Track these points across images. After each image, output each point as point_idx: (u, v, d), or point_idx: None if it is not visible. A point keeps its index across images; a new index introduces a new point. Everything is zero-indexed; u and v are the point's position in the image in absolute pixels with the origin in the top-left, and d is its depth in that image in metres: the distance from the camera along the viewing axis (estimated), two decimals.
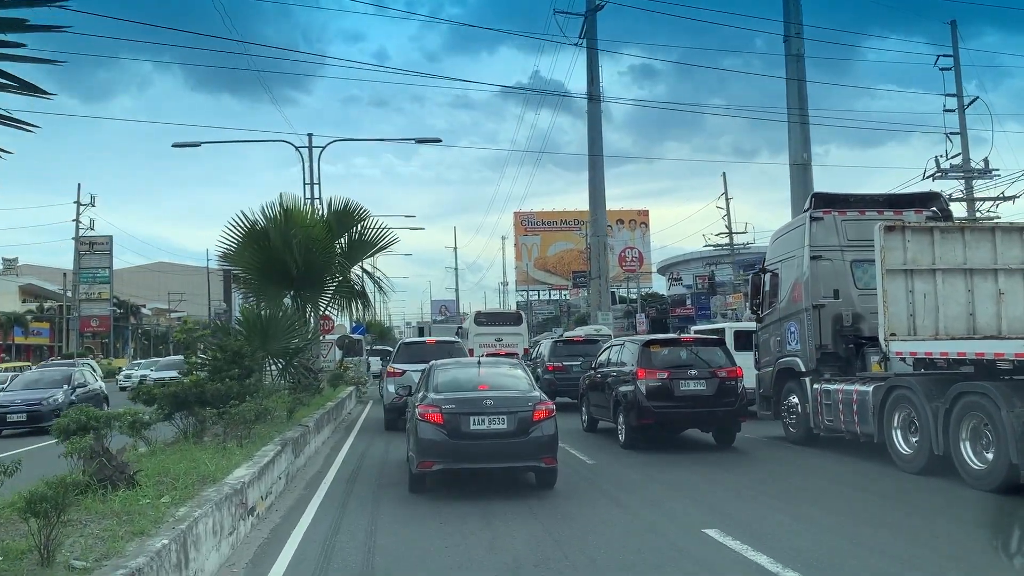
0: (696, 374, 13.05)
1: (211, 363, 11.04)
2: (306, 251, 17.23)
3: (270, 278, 17.13)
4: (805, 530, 7.50)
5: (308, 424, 12.65)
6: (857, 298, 12.66)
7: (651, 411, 12.86)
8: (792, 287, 13.59)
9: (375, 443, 14.79)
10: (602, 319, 43.16)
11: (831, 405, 11.98)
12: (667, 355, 13.56)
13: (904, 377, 10.74)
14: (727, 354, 13.81)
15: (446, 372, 10.22)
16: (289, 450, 10.46)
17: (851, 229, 12.89)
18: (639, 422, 12.97)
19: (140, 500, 6.26)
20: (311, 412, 14.57)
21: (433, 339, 21.49)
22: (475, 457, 9.04)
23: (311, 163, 21.93)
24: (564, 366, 21.27)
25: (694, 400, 12.94)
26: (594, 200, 44.45)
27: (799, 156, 51.16)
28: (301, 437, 11.69)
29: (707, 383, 13.00)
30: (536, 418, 9.02)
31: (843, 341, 12.64)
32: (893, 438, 10.55)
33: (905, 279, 10.86)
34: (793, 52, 49.49)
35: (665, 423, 13.27)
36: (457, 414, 8.94)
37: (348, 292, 18.38)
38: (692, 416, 13.17)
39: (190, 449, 9.21)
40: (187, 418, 10.62)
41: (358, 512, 8.62)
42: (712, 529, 7.42)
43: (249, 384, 11.05)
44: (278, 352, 13.55)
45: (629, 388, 13.16)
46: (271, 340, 13.27)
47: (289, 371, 13.95)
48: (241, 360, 11.00)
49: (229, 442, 9.70)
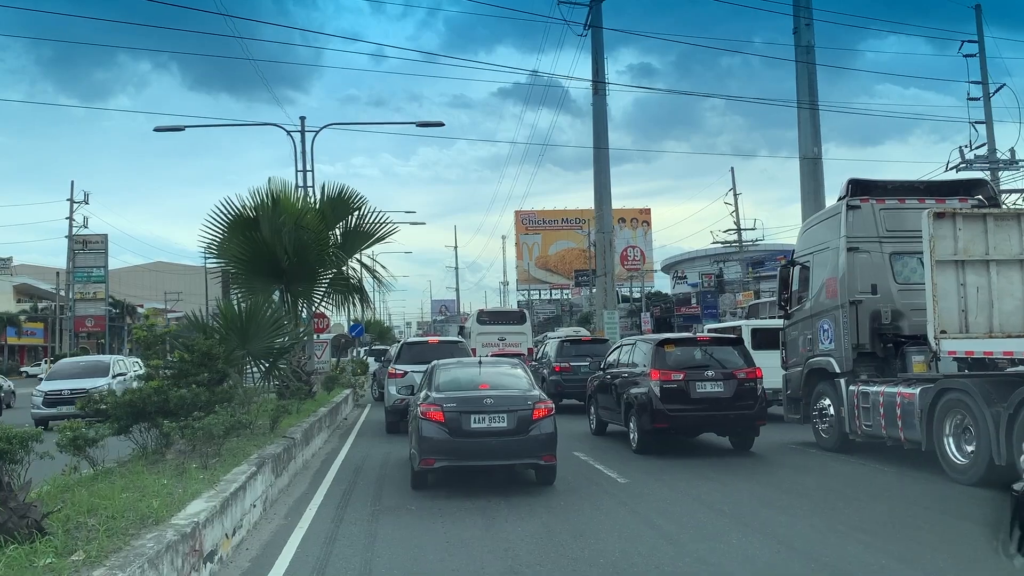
0: (713, 375, 11.91)
1: (176, 366, 9.23)
2: (297, 241, 15.47)
3: (258, 271, 15.36)
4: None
5: (295, 436, 10.87)
6: (896, 293, 11.64)
7: (666, 414, 11.71)
8: (825, 281, 12.46)
9: (372, 453, 13.03)
10: (608, 318, 41.52)
11: (870, 409, 10.96)
12: (682, 355, 12.36)
13: (957, 379, 9.74)
14: (745, 354, 12.62)
15: (447, 371, 10.20)
16: (268, 469, 8.68)
17: (890, 218, 11.85)
18: (653, 426, 11.87)
19: (38, 559, 4.47)
20: (300, 420, 12.79)
21: (436, 338, 20.24)
22: (476, 455, 9.09)
23: (303, 149, 20.14)
24: (571, 366, 20.12)
25: (711, 403, 11.85)
26: (599, 196, 42.69)
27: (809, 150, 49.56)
28: (285, 452, 9.91)
29: (725, 385, 11.89)
30: (535, 416, 9.08)
31: (881, 340, 11.61)
32: (944, 446, 9.56)
33: (956, 271, 10.04)
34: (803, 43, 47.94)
35: (680, 427, 12.20)
36: (458, 412, 8.98)
37: (344, 286, 16.58)
38: (709, 420, 12.10)
39: (140, 473, 7.42)
40: (148, 431, 8.84)
41: (348, 551, 6.84)
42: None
43: (221, 391, 9.25)
44: (261, 352, 11.75)
45: (642, 390, 12.03)
46: (253, 339, 11.49)
47: (274, 374, 12.11)
48: (212, 362, 9.21)
49: (193, 462, 7.92)
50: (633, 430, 12.26)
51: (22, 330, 62.27)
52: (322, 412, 14.68)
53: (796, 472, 10.74)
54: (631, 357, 13.04)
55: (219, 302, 11.82)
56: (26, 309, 66.18)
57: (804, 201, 51.28)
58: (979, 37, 31.83)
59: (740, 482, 9.99)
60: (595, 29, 41.21)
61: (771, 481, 10.03)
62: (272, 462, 8.95)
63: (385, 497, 9.27)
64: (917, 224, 10.50)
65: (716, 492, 9.29)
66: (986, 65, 31.59)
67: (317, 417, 13.67)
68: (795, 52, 48.31)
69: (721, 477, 10.32)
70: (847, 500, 8.71)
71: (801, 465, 11.28)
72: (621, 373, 13.16)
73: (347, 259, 16.75)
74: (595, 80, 40.71)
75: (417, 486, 9.35)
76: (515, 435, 9.03)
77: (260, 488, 8.15)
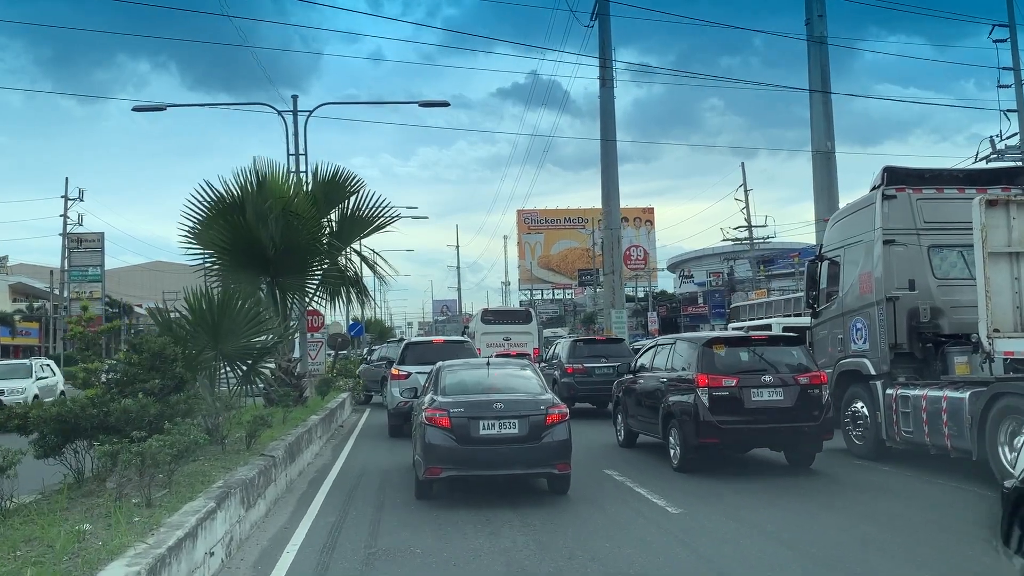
0: (771, 380, 10.02)
1: (122, 370, 7.31)
2: (286, 228, 13.55)
3: (242, 261, 13.45)
4: None
5: (275, 453, 8.94)
6: (936, 289, 10.81)
7: (716, 427, 9.80)
8: (859, 277, 11.57)
9: (370, 466, 11.11)
10: (616, 317, 39.68)
11: (911, 414, 10.03)
12: (734, 357, 10.49)
13: (1014, 382, 8.78)
14: (808, 355, 10.78)
15: (454, 373, 9.56)
16: (236, 500, 6.76)
17: (928, 209, 11.05)
18: (700, 441, 9.97)
19: None
20: (286, 431, 10.87)
21: (440, 338, 18.48)
22: (485, 463, 8.42)
23: (296, 130, 18.18)
24: (585, 368, 18.26)
25: (769, 413, 9.98)
26: (607, 191, 40.86)
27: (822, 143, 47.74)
28: (261, 475, 7.97)
29: (785, 391, 9.99)
30: (549, 422, 8.46)
31: (920, 339, 10.71)
32: (1000, 456, 8.60)
33: (1010, 264, 9.40)
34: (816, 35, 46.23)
35: (733, 442, 10.28)
36: (466, 418, 8.38)
37: (338, 278, 14.64)
38: (766, 433, 10.15)
39: (58, 514, 5.51)
40: (86, 452, 6.93)
41: None
42: None
43: (179, 401, 7.31)
44: (236, 353, 9.80)
45: (686, 398, 10.14)
46: (226, 337, 9.56)
47: (252, 379, 10.14)
48: (166, 365, 7.27)
49: (135, 495, 6.01)
50: (674, 444, 10.32)
51: (16, 330, 60.29)
52: (313, 421, 12.75)
53: (875, 494, 8.86)
54: (669, 359, 11.10)
55: (186, 293, 9.88)
56: (21, 309, 64.24)
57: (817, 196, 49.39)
58: (1010, 21, 29.95)
59: (816, 510, 8.16)
60: (602, 19, 39.54)
61: (852, 508, 8.15)
62: (242, 490, 7.03)
63: (383, 532, 7.34)
64: (957, 215, 10.13)
65: (792, 525, 7.44)
66: (1018, 51, 29.71)
67: (307, 427, 11.74)
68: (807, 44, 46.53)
69: (789, 503, 8.43)
70: (958, 535, 6.85)
71: (874, 484, 9.44)
72: (657, 378, 11.22)
73: (343, 249, 14.81)
74: (602, 66, 38.93)
75: (421, 496, 8.69)
76: (527, 442, 8.34)
77: (222, 529, 6.22)
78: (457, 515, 7.90)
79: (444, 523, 7.60)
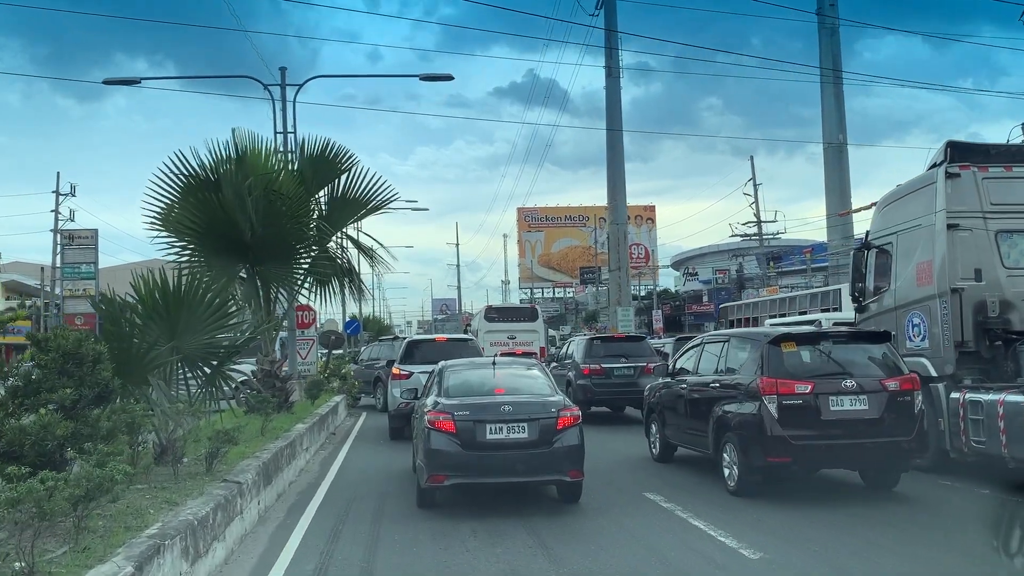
0: (853, 386, 8.04)
1: (24, 375, 5.41)
2: (268, 209, 11.66)
3: (216, 246, 11.56)
4: None
5: (241, 479, 7.04)
6: (1005, 280, 9.55)
7: (787, 443, 7.86)
8: (916, 266, 10.11)
9: (362, 489, 9.25)
10: (623, 315, 37.87)
11: (983, 422, 8.54)
12: (806, 357, 8.57)
13: None
14: (896, 355, 8.79)
15: (457, 374, 8.92)
16: (174, 554, 4.87)
17: (995, 189, 9.78)
18: (767, 460, 8.03)
19: None
20: (263, 446, 9.00)
21: (444, 336, 16.84)
22: (492, 470, 7.82)
23: (284, 106, 16.25)
24: (603, 368, 16.34)
25: (852, 426, 8.01)
26: (613, 184, 39.13)
27: (834, 136, 46.17)
28: (219, 510, 6.07)
29: (870, 399, 8.04)
30: (560, 426, 7.85)
31: (987, 336, 9.38)
32: None
33: None
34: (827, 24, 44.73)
35: (808, 460, 8.23)
36: (472, 422, 7.79)
37: (328, 267, 12.70)
38: (849, 450, 8.11)
39: None
40: None
41: None
42: None
43: (99, 417, 5.40)
44: (198, 352, 7.85)
45: (747, 408, 8.22)
46: (185, 332, 7.64)
47: (218, 383, 8.14)
48: (85, 369, 5.37)
49: (17, 557, 4.12)
50: (731, 462, 8.40)
51: (7, 329, 58.31)
52: (298, 431, 10.85)
53: (980, 525, 6.98)
54: (722, 360, 9.18)
55: (134, 277, 7.99)
56: (13, 307, 62.29)
57: (828, 191, 47.60)
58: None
59: (937, 553, 6.33)
60: (608, 6, 37.86)
61: (973, 548, 6.27)
62: (186, 537, 5.14)
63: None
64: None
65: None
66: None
67: (289, 439, 9.84)
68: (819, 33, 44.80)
69: (890, 543, 6.57)
70: None
71: (973, 512, 7.56)
72: (706, 382, 9.32)
73: (334, 233, 12.87)
74: (608, 55, 37.16)
75: (424, 505, 8.07)
76: (537, 447, 7.71)
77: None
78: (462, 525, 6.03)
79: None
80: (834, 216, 42.20)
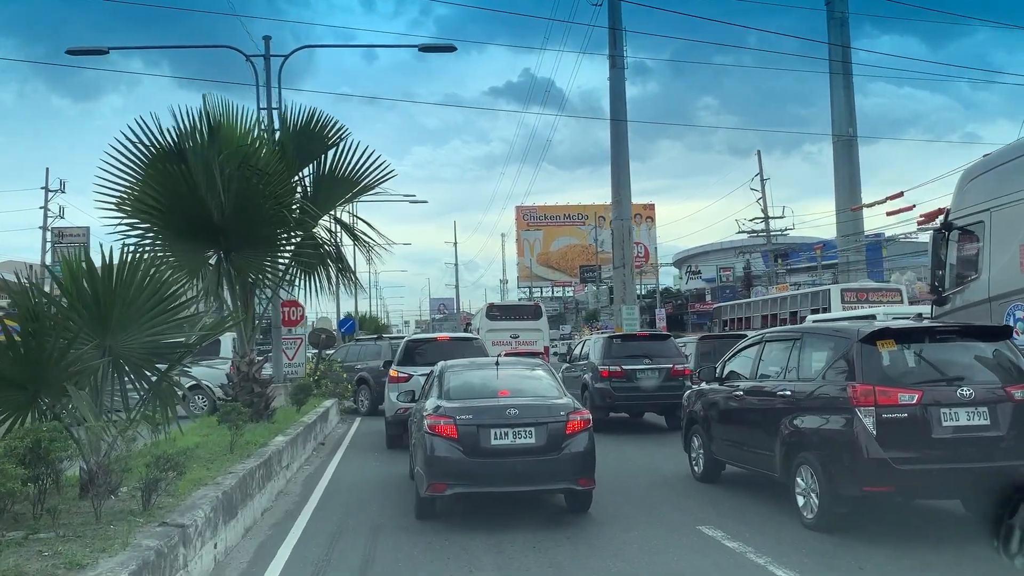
0: (970, 396, 6.19)
1: None
2: (243, 187, 9.90)
3: (181, 228, 9.78)
4: None
5: (189, 520, 5.27)
6: None
7: (889, 468, 6.06)
8: (1020, 249, 8.49)
9: (350, 519, 7.50)
10: (628, 313, 36.14)
11: None
12: (909, 359, 6.73)
13: None
14: (1015, 355, 6.86)
15: (458, 375, 8.29)
16: None
17: None
18: (864, 489, 6.20)
19: None
20: (228, 468, 7.25)
21: (446, 335, 15.25)
22: (497, 478, 7.18)
23: (268, 79, 14.48)
24: (624, 371, 14.54)
25: (966, 445, 6.19)
26: (617, 178, 37.37)
27: (844, 128, 44.49)
28: (144, 572, 4.31)
29: (991, 412, 6.20)
30: (570, 430, 7.25)
31: None
32: None
33: None
34: (837, 15, 43.25)
35: (914, 490, 6.41)
36: (475, 426, 7.18)
37: (313, 254, 10.89)
38: (968, 476, 6.21)
39: None
40: None
41: None
42: None
43: None
44: (139, 353, 6.00)
45: (833, 422, 6.48)
46: (122, 327, 5.84)
47: (166, 393, 6.26)
48: None
49: None
50: (807, 490, 6.62)
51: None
52: (277, 445, 9.08)
53: None
54: (792, 361, 7.34)
55: (62, 257, 6.23)
56: (3, 306, 60.32)
57: (838, 185, 45.80)
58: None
59: None
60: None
61: None
62: None
63: None
64: None
65: None
66: None
67: (261, 459, 8.04)
68: (828, 26, 43.35)
69: None
70: None
71: None
72: (769, 389, 7.53)
73: (320, 216, 11.08)
74: (612, 45, 35.48)
75: (422, 515, 7.52)
76: (545, 454, 7.20)
77: None
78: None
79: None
80: (844, 210, 40.42)
